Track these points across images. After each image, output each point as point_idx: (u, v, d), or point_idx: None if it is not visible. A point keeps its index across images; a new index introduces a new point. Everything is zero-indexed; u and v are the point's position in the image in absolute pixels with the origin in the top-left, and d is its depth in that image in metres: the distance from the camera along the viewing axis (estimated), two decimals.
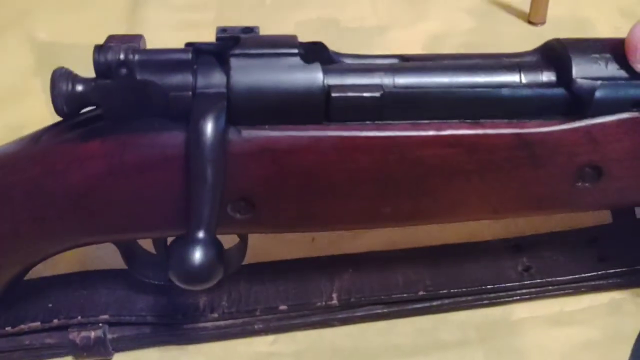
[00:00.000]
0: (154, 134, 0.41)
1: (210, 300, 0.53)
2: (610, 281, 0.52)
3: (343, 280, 0.53)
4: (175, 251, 0.39)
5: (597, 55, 0.42)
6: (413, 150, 0.42)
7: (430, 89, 0.42)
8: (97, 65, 0.39)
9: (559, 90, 0.42)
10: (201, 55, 0.41)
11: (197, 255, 0.39)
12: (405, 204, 0.44)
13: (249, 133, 0.41)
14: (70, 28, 0.82)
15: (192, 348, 0.54)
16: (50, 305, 0.52)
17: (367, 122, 0.42)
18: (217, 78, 0.40)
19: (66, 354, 0.53)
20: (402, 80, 0.42)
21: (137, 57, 0.39)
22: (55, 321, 0.51)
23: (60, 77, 0.40)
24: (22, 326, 0.51)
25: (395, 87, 0.42)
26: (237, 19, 0.56)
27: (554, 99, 0.42)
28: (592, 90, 0.41)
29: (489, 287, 0.52)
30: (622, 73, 0.42)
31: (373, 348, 0.55)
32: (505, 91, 0.42)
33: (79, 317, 0.51)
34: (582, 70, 0.42)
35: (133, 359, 0.54)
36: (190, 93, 0.40)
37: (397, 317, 0.54)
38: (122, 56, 0.39)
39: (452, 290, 0.52)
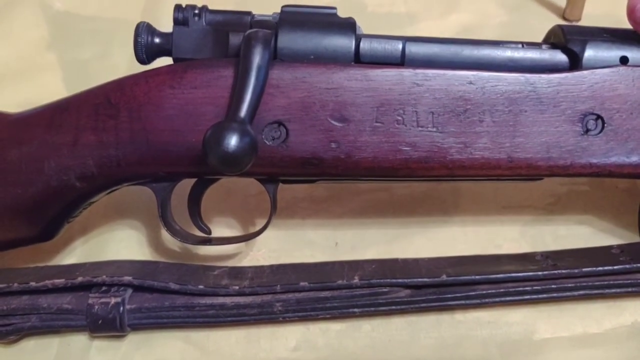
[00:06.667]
0: (212, 60, 0.49)
1: (232, 280, 0.53)
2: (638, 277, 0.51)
3: (365, 270, 0.53)
4: (214, 133, 0.43)
5: (588, 27, 0.51)
6: (428, 84, 0.48)
7: (443, 48, 0.50)
8: (176, 16, 0.50)
9: (556, 51, 0.50)
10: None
11: (234, 139, 0.43)
12: (421, 140, 0.48)
13: (289, 64, 0.48)
14: None
15: (212, 349, 0.53)
16: (77, 273, 0.53)
17: None
18: (268, 23, 0.49)
19: (80, 326, 0.52)
20: (420, 42, 0.50)
21: (207, 11, 0.51)
22: (80, 279, 0.52)
23: (142, 30, 0.50)
24: (47, 281, 0.52)
25: (414, 44, 0.50)
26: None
27: (552, 59, 0.50)
28: (584, 44, 0.49)
29: (512, 275, 0.51)
30: (609, 36, 0.50)
31: None
32: (508, 51, 0.50)
33: (104, 276, 0.52)
34: (575, 34, 0.50)
35: (146, 345, 0.53)
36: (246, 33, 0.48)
37: (420, 311, 0.52)
38: (197, 10, 0.50)
39: (474, 277, 0.51)
